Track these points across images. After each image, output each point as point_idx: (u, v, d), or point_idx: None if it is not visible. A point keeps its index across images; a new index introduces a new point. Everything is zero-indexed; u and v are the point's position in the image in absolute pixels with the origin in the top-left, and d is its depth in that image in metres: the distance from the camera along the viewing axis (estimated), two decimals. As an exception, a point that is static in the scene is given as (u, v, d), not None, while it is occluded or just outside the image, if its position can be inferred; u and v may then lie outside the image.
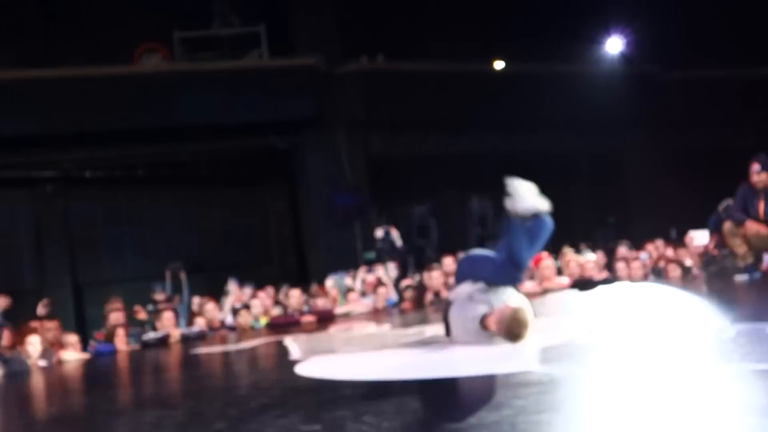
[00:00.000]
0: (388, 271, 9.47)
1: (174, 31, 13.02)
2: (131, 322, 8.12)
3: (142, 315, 8.44)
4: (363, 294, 8.57)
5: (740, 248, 6.55)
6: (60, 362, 6.49)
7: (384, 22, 13.77)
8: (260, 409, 3.23)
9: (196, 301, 9.05)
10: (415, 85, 13.13)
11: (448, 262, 8.55)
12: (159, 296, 9.21)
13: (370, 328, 6.29)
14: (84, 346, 7.23)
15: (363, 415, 2.79)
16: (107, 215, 13.89)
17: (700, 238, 8.29)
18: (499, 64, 14.19)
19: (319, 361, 4.58)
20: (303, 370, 4.19)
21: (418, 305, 8.16)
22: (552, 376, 3.18)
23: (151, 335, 7.24)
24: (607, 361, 3.57)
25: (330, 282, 10.10)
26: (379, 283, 8.71)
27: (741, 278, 6.49)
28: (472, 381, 3.36)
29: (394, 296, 8.55)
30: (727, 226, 6.69)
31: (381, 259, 10.31)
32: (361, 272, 9.76)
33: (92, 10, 13.20)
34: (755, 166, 6.63)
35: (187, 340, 7.13)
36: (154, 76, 12.62)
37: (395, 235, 8.36)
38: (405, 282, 9.06)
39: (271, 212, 15.23)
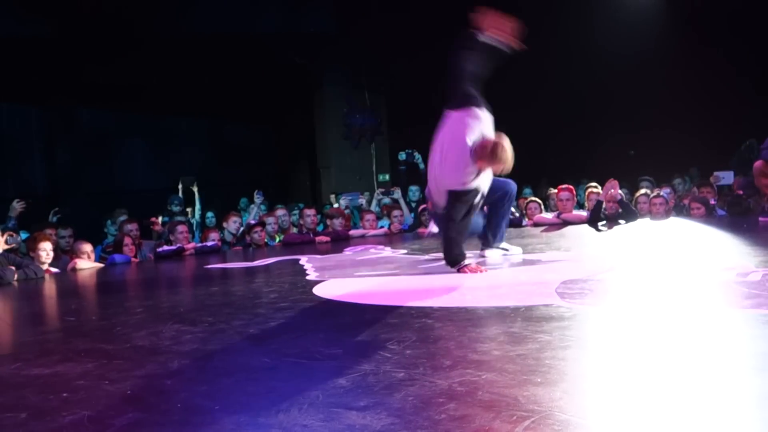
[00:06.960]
0: (409, 194, 9.34)
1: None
2: (145, 234, 8.10)
3: (157, 227, 8.42)
4: (379, 217, 8.48)
5: (769, 189, 6.35)
6: (74, 270, 6.48)
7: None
8: (280, 329, 3.21)
9: (209, 215, 9.02)
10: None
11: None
12: (176, 209, 9.15)
13: (386, 251, 6.24)
14: (95, 255, 7.19)
15: (385, 341, 2.76)
16: (120, 124, 13.75)
17: (725, 177, 8.11)
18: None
19: (337, 283, 4.54)
20: (321, 291, 4.16)
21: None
22: (574, 312, 3.13)
23: (165, 248, 7.22)
24: (628, 298, 3.52)
25: (342, 202, 10.04)
26: (395, 205, 8.62)
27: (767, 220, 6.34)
28: (493, 312, 3.31)
29: (409, 220, 8.47)
30: (758, 165, 6.46)
31: (401, 182, 10.17)
32: (377, 194, 9.67)
33: None
34: None
35: (201, 254, 7.11)
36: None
37: (419, 157, 8.13)
38: (423, 206, 8.94)
39: (286, 129, 15.07)
